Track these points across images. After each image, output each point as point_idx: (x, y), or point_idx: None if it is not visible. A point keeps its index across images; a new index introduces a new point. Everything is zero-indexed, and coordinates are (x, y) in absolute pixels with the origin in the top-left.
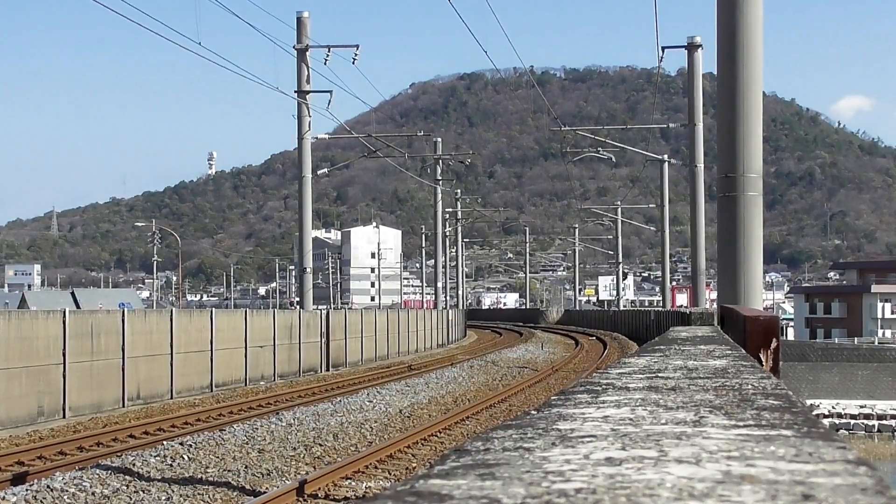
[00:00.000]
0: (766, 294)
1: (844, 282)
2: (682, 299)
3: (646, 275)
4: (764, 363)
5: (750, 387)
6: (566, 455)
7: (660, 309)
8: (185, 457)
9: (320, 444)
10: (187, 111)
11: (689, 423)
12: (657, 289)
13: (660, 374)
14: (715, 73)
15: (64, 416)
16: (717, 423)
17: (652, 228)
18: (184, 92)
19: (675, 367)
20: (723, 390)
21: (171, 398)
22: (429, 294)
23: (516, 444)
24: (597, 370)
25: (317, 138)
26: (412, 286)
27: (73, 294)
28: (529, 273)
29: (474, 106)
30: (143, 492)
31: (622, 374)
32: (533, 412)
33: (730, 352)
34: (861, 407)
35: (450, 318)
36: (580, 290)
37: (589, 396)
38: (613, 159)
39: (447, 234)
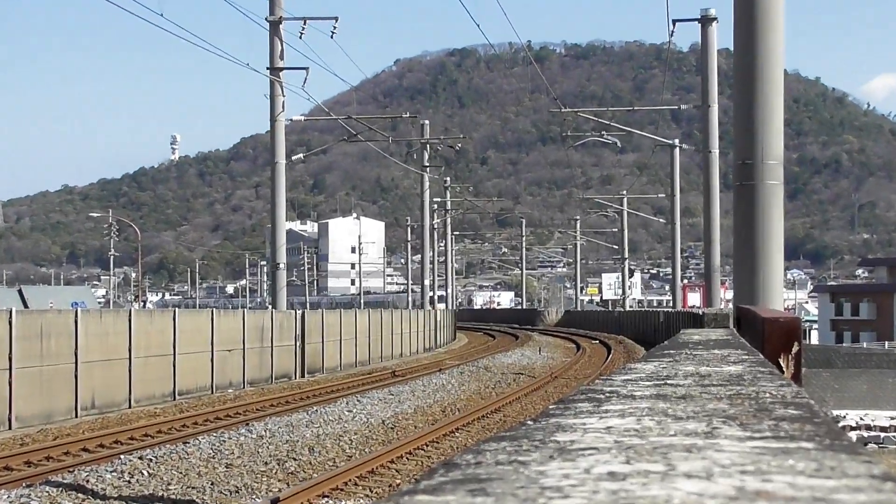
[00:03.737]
0: (786, 293)
1: (874, 280)
2: (694, 299)
3: (654, 272)
4: (784, 370)
5: (768, 395)
6: (565, 469)
7: (669, 310)
8: (145, 472)
9: (294, 459)
10: (147, 90)
11: (700, 435)
12: (667, 287)
13: (669, 382)
14: (731, 48)
15: (10, 428)
16: (730, 434)
17: (661, 220)
18: (143, 68)
19: (685, 374)
20: (738, 399)
21: (130, 407)
22: (415, 292)
23: (510, 458)
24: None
25: (291, 120)
26: (397, 283)
27: (20, 292)
28: (526, 270)
29: (465, 85)
30: None
31: (627, 381)
32: (529, 422)
33: (746, 357)
34: (892, 419)
35: (438, 319)
36: (582, 288)
37: (590, 405)
38: (619, 144)
39: (435, 226)
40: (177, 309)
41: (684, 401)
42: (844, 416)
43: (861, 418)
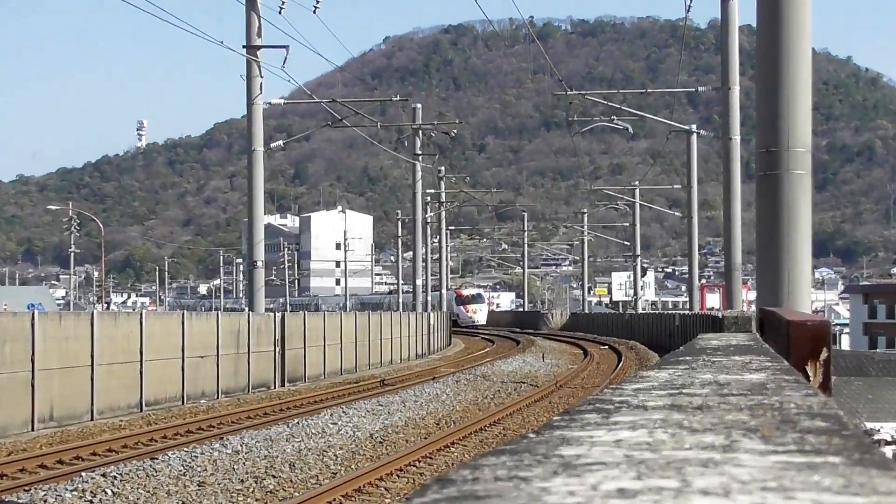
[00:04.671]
0: (815, 294)
1: None
2: (713, 300)
3: (669, 270)
4: (811, 378)
5: (793, 405)
6: (570, 486)
7: (686, 312)
8: (109, 491)
9: (274, 476)
10: (112, 71)
11: (718, 448)
12: (683, 288)
13: (684, 391)
14: (754, 24)
15: None
16: (751, 448)
17: (677, 214)
18: (107, 49)
19: (702, 383)
20: (759, 410)
21: (92, 419)
22: (406, 292)
23: (510, 473)
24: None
25: (270, 104)
26: (386, 284)
27: None
28: (528, 268)
29: (461, 65)
30: None
31: (639, 391)
32: (531, 435)
33: (770, 364)
34: None
35: (431, 322)
36: (589, 289)
37: (599, 416)
38: (630, 130)
39: (428, 220)
40: (144, 311)
41: (701, 412)
42: (879, 430)
43: None
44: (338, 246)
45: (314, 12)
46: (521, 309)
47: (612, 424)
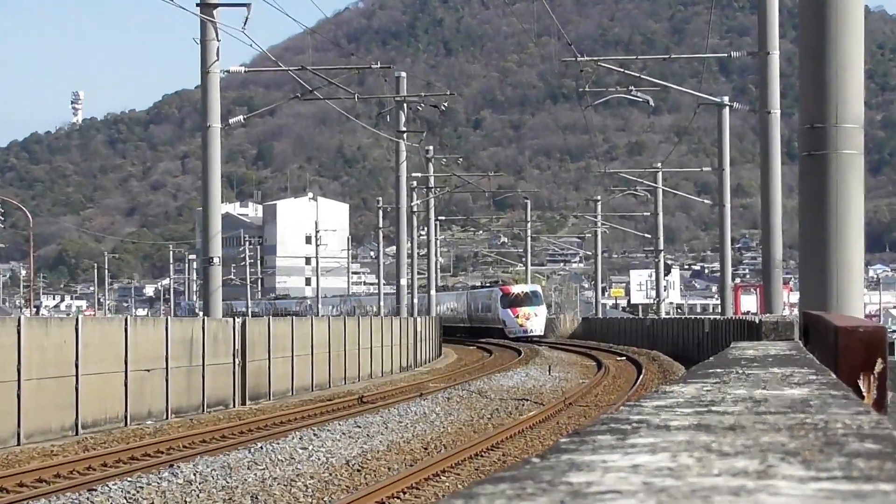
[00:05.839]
0: (868, 295)
1: None
2: (748, 303)
3: (697, 268)
4: (864, 393)
5: (839, 425)
6: None
7: (717, 317)
8: None
9: None
10: (43, 36)
11: (751, 475)
12: (713, 289)
13: (714, 408)
14: None
15: None
16: (790, 474)
17: (706, 202)
18: (38, 10)
19: (735, 399)
20: (801, 430)
21: (18, 444)
22: (388, 293)
23: (510, 503)
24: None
25: (228, 72)
26: (365, 284)
27: None
28: (532, 266)
29: (453, 27)
30: None
31: (661, 408)
32: (535, 460)
33: (814, 377)
34: None
35: (418, 329)
36: (604, 289)
37: (613, 438)
38: (651, 102)
39: (415, 209)
40: (81, 316)
41: (733, 432)
42: None
43: None
44: (308, 239)
45: None
46: None
47: (628, 447)
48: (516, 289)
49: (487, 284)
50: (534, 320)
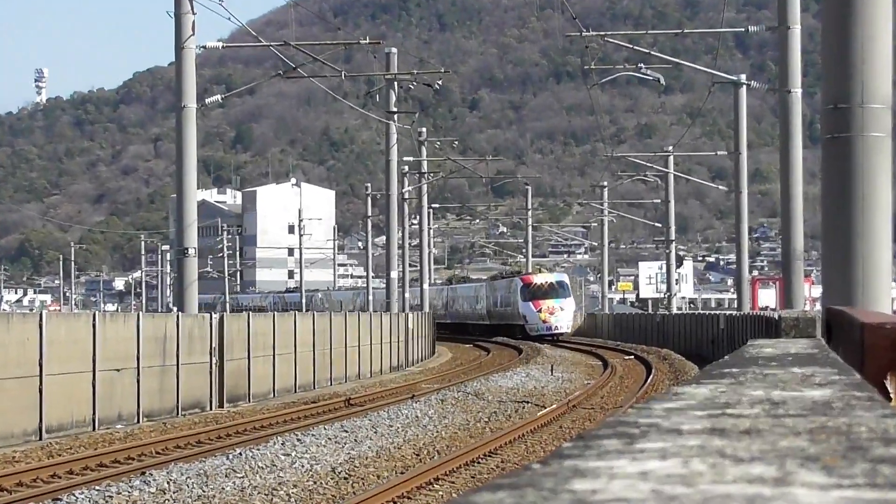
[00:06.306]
0: None
1: None
2: (767, 297)
3: (712, 259)
4: (891, 394)
5: (864, 429)
6: None
7: (733, 312)
8: None
9: None
10: (3, 8)
11: (768, 482)
12: (729, 282)
13: (728, 411)
14: None
15: None
16: (810, 481)
17: (722, 188)
18: None
19: (752, 401)
20: (822, 434)
21: None
22: (377, 287)
23: None
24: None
25: (205, 48)
26: (353, 277)
27: None
28: (533, 257)
29: None
30: None
31: (671, 411)
32: (535, 466)
33: (837, 377)
34: None
35: (409, 325)
36: (610, 283)
37: (620, 443)
38: (662, 81)
39: (406, 196)
40: (44, 312)
41: (749, 437)
42: None
43: None
44: (291, 229)
45: None
46: None
47: (636, 452)
48: (539, 278)
49: (510, 274)
50: (559, 315)
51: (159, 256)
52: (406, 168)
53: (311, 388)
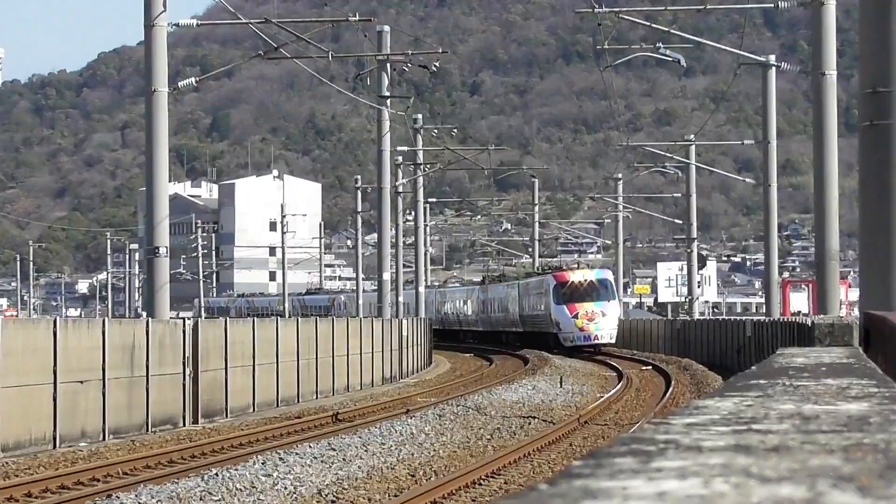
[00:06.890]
0: None
1: None
2: (799, 302)
3: (738, 260)
4: None
5: None
6: None
7: (761, 318)
8: None
9: None
10: None
11: (797, 503)
12: (757, 284)
13: (755, 426)
14: None
15: None
16: (843, 502)
17: (749, 181)
18: None
19: (780, 415)
20: (858, 451)
21: None
22: (368, 289)
23: None
24: (651, 420)
25: (178, 25)
26: (340, 279)
27: None
28: (540, 257)
29: None
30: None
31: (692, 426)
32: (543, 487)
33: (876, 389)
34: None
35: (404, 332)
36: (626, 285)
37: (635, 461)
38: (683, 63)
39: (400, 189)
40: (0, 317)
41: (777, 454)
42: None
43: None
44: (272, 226)
45: None
46: None
47: (653, 472)
48: (576, 276)
49: (547, 270)
50: (600, 322)
51: (127, 256)
52: (400, 159)
53: (295, 402)
